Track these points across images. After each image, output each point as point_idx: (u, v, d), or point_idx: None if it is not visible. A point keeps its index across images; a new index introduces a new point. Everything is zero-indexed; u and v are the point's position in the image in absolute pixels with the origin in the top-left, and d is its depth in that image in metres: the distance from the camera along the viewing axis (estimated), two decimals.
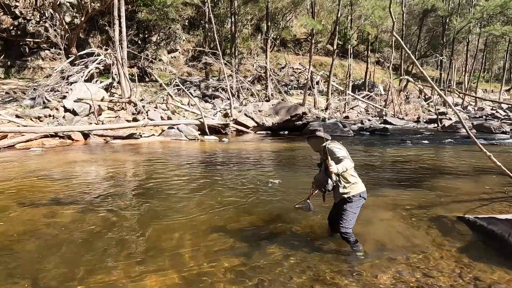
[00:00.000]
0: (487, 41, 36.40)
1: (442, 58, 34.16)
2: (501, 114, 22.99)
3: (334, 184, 3.31)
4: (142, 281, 2.90)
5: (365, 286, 2.85)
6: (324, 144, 3.41)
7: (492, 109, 27.00)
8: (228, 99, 17.91)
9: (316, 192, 4.14)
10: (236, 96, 21.89)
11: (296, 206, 4.41)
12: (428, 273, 3.02)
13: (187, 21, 28.72)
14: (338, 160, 3.22)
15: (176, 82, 18.18)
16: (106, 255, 3.36)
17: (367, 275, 3.00)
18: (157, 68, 24.05)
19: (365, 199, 3.41)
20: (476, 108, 27.18)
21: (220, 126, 14.45)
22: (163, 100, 17.97)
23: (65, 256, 3.35)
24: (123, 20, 17.01)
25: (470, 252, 3.39)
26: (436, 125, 17.98)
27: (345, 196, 3.33)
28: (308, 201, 4.31)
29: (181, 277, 2.97)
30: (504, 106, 26.87)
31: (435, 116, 20.01)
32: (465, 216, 4.16)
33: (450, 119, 19.80)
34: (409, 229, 4.02)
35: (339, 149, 3.36)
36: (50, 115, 13.26)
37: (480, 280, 2.88)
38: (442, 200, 5.10)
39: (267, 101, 19.39)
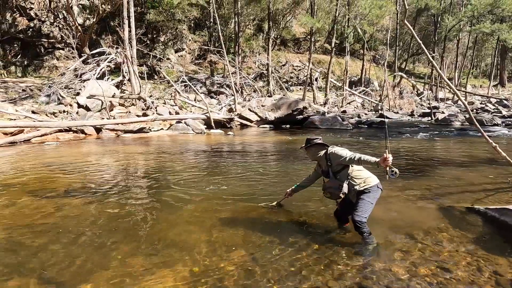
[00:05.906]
0: (476, 39, 35.66)
1: (434, 55, 33.50)
2: (490, 108, 22.52)
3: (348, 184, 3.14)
4: (152, 275, 2.63)
5: (380, 279, 2.57)
6: (325, 151, 3.27)
7: (481, 103, 26.48)
8: (232, 95, 17.52)
9: (291, 196, 3.91)
10: (240, 92, 21.47)
11: (262, 204, 4.15)
12: (445, 266, 2.73)
13: (192, 22, 28.20)
14: (352, 158, 3.01)
15: (183, 79, 17.79)
16: (116, 248, 3.09)
17: (381, 268, 2.72)
18: (165, 66, 23.64)
19: (382, 190, 3.12)
20: (466, 103, 26.76)
21: (225, 120, 14.13)
22: (171, 96, 17.62)
23: (76, 249, 3.08)
24: (132, 20, 16.63)
25: (485, 245, 3.08)
26: (430, 118, 17.60)
27: (363, 188, 3.06)
28: (280, 202, 4.06)
29: (191, 271, 2.69)
30: (493, 100, 26.37)
31: (428, 110, 19.61)
32: (475, 206, 3.85)
33: (443, 112, 19.42)
34: (419, 219, 3.72)
35: (342, 149, 3.18)
36: (64, 111, 12.96)
37: (501, 275, 2.58)
38: (447, 190, 4.79)
39: (270, 96, 18.99)
